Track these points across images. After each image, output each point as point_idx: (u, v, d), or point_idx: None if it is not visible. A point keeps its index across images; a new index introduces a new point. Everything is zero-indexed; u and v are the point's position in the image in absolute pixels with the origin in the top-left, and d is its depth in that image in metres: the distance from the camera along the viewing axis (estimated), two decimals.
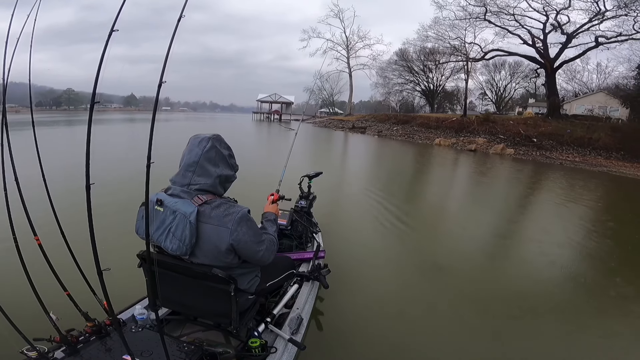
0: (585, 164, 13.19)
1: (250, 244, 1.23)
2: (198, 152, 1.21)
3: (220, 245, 1.19)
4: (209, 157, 1.22)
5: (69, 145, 10.16)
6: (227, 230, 1.18)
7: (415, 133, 21.08)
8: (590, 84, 29.35)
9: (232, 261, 1.24)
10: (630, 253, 3.84)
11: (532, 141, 16.05)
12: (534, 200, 6.84)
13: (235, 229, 1.19)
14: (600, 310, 2.53)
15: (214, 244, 1.19)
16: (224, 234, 1.18)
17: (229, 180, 1.32)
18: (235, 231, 1.19)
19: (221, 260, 1.22)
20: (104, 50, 0.94)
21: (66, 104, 64.88)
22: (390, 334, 2.03)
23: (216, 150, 1.24)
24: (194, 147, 1.23)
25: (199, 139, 1.24)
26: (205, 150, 1.21)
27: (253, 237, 1.24)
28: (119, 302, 1.36)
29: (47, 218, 1.49)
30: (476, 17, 22.51)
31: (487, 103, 39.26)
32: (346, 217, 4.42)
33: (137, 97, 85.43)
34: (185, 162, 1.22)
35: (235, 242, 1.19)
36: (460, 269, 3.05)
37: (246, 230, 1.21)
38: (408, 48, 32.73)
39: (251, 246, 1.24)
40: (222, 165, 1.26)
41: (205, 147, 1.21)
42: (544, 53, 21.22)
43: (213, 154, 1.23)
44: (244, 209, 1.23)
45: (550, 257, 3.44)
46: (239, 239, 1.20)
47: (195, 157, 1.21)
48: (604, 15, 18.45)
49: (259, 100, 43.67)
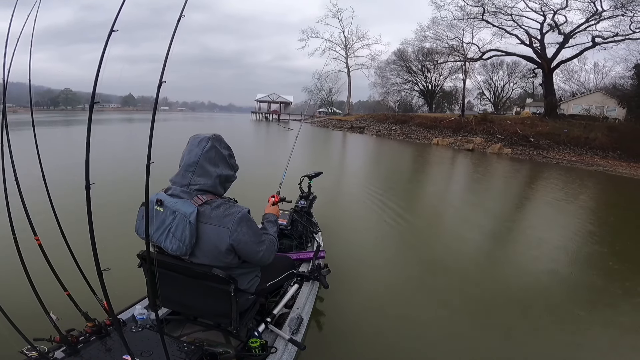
0: (582, 163, 13.29)
1: (250, 244, 1.23)
2: (198, 152, 1.21)
3: (220, 246, 1.19)
4: (209, 157, 1.22)
5: (67, 146, 10.11)
6: (227, 230, 1.18)
7: (413, 133, 21.14)
8: (588, 83, 29.52)
9: (232, 261, 1.24)
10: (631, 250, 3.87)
11: (529, 141, 16.14)
12: (528, 198, 6.88)
13: (235, 229, 1.19)
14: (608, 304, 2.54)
15: (214, 244, 1.19)
16: (224, 234, 1.18)
17: (229, 180, 1.32)
18: (235, 231, 1.19)
19: (221, 260, 1.22)
20: (104, 50, 0.94)
21: (64, 104, 64.62)
22: (391, 334, 2.03)
23: (216, 150, 1.23)
24: (193, 147, 1.22)
25: (198, 139, 1.24)
26: (205, 151, 1.21)
27: (253, 238, 1.24)
28: (119, 302, 1.37)
29: (47, 218, 1.48)
30: (474, 17, 22.58)
31: (485, 103, 39.38)
32: (346, 216, 4.42)
33: (136, 97, 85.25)
34: (185, 163, 1.22)
35: (235, 243, 1.19)
36: (460, 268, 3.06)
37: (246, 231, 1.21)
38: (406, 48, 32.83)
39: (251, 246, 1.24)
40: (222, 165, 1.26)
41: (205, 147, 1.21)
42: (541, 53, 21.31)
43: (213, 154, 1.23)
44: (244, 209, 1.23)
45: (544, 253, 3.48)
46: (239, 239, 1.20)
47: (195, 157, 1.21)
48: (600, 15, 18.55)
49: (258, 100, 43.61)
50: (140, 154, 0.92)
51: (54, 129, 17.53)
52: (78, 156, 0.92)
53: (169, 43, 0.97)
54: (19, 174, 1.39)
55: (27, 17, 1.31)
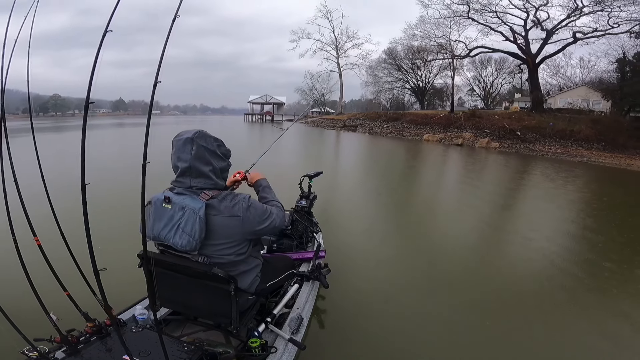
0: (566, 154, 13.71)
1: (261, 222, 1.31)
2: (186, 157, 1.21)
3: (234, 234, 1.25)
4: (199, 157, 1.22)
5: (65, 150, 9.83)
6: (239, 217, 1.25)
7: (405, 130, 21.36)
8: (574, 78, 30.18)
9: (241, 249, 1.29)
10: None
11: (516, 134, 16.53)
12: (510, 189, 7.11)
13: (245, 215, 1.26)
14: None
15: (227, 233, 1.24)
16: (236, 222, 1.25)
17: (225, 170, 1.34)
18: (246, 216, 1.26)
19: (231, 249, 1.26)
20: (98, 50, 0.94)
21: (53, 109, 63.19)
22: (391, 334, 2.00)
23: (204, 148, 1.23)
24: (181, 153, 1.22)
25: (181, 140, 1.22)
26: (194, 154, 1.21)
27: (262, 215, 1.32)
28: (120, 303, 1.37)
29: (46, 218, 1.48)
30: (460, 15, 22.97)
31: (476, 99, 39.99)
32: (346, 216, 4.40)
33: (126, 101, 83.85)
34: (180, 171, 1.23)
35: (249, 227, 1.27)
36: (460, 267, 3.04)
37: (254, 212, 1.29)
38: (396, 47, 33.14)
39: (262, 223, 1.31)
40: (214, 160, 1.27)
41: (192, 151, 1.21)
42: (525, 49, 21.79)
43: (202, 153, 1.23)
44: (246, 196, 1.31)
45: (532, 243, 3.59)
46: (251, 221, 1.27)
47: (185, 163, 1.21)
48: (581, 11, 19.07)
49: (251, 102, 43.40)
50: (137, 153, 0.93)
51: (45, 134, 17.03)
52: (76, 159, 0.93)
53: (164, 43, 0.97)
54: (17, 177, 1.38)
55: (23, 21, 1.30)
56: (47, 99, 63.84)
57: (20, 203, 1.37)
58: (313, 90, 45.21)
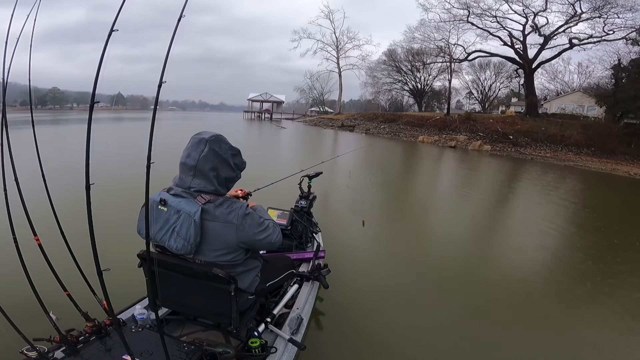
0: (555, 159, 13.97)
1: (257, 234, 1.27)
2: (195, 156, 1.21)
3: (229, 241, 1.22)
4: (207, 161, 1.22)
5: (65, 146, 9.71)
6: (234, 225, 1.22)
7: (401, 131, 21.52)
8: (572, 83, 30.37)
9: (237, 257, 1.26)
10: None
11: (509, 138, 16.77)
12: (495, 191, 7.30)
13: (241, 223, 1.23)
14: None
15: (222, 240, 1.21)
16: (231, 230, 1.21)
17: (231, 181, 1.33)
18: (241, 225, 1.23)
19: (227, 256, 1.24)
20: (104, 50, 0.94)
21: (52, 103, 62.29)
22: (390, 334, 2.02)
23: (214, 153, 1.23)
24: (192, 151, 1.22)
25: (197, 139, 1.23)
26: (203, 155, 1.21)
27: (258, 226, 1.28)
28: (119, 302, 1.35)
29: (47, 218, 1.46)
30: (460, 20, 23.13)
31: (473, 102, 40.22)
32: (346, 216, 4.40)
33: (125, 95, 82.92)
34: (185, 166, 1.23)
35: (243, 236, 1.23)
36: (460, 266, 3.07)
37: (250, 222, 1.25)
38: (396, 49, 33.23)
39: (258, 235, 1.27)
40: (222, 167, 1.25)
41: (202, 151, 1.21)
42: (522, 54, 22.01)
43: (211, 157, 1.22)
44: (244, 204, 1.28)
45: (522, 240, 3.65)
46: (246, 231, 1.24)
47: (192, 161, 1.21)
48: (579, 18, 19.32)
49: (250, 99, 43.19)
50: (138, 153, 0.92)
51: (45, 127, 16.77)
52: (77, 155, 0.92)
53: (170, 42, 0.97)
54: (18, 174, 1.36)
55: (27, 16, 1.29)
56: (46, 92, 62.84)
57: (21, 202, 1.35)
58: (312, 89, 45.19)
